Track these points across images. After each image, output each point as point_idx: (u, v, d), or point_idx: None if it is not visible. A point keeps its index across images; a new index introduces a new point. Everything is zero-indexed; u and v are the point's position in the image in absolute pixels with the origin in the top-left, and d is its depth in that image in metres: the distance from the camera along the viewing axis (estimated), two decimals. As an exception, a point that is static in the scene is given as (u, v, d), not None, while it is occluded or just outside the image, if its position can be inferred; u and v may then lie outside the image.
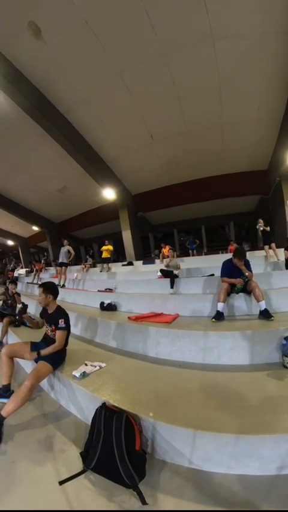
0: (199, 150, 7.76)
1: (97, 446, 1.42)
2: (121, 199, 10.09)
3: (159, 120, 6.61)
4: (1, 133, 7.38)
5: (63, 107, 6.37)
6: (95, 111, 6.45)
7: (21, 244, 19.32)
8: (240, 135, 7.07)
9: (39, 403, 2.21)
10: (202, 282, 4.51)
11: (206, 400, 1.69)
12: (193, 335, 2.58)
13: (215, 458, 1.35)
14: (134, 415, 1.54)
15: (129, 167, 8.89)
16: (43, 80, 5.61)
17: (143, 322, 3.25)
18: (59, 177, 9.82)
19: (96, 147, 7.90)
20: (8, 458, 1.51)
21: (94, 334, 3.52)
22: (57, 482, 1.32)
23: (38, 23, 4.40)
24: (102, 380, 2.03)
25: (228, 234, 14.21)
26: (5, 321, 3.87)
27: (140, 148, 7.77)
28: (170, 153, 7.92)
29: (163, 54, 4.86)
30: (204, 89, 5.60)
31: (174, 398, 1.74)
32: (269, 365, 2.20)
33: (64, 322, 2.30)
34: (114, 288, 6.14)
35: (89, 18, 4.30)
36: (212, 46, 4.66)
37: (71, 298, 6.28)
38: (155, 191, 10.36)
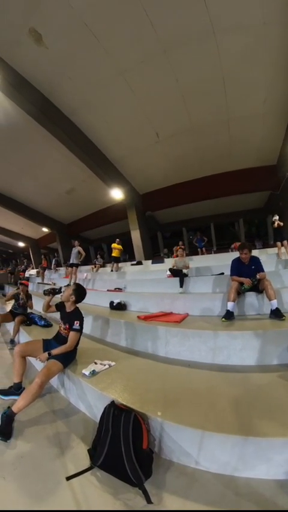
0: (206, 147, 7.63)
1: (105, 443, 1.43)
2: (129, 199, 10.11)
3: (164, 118, 6.55)
4: (9, 138, 7.61)
5: (67, 110, 6.46)
6: (99, 113, 6.49)
7: (32, 245, 19.81)
8: (247, 130, 6.88)
9: (49, 400, 2.25)
10: (212, 281, 4.44)
11: (215, 401, 1.66)
12: (203, 334, 2.54)
13: (222, 459, 1.33)
14: (142, 414, 1.54)
15: (136, 167, 8.88)
16: (47, 84, 5.72)
17: (152, 321, 3.24)
18: (66, 179, 9.97)
19: (102, 148, 7.95)
20: (18, 453, 1.55)
21: (104, 333, 3.56)
22: (65, 478, 1.34)
23: (39, 29, 4.48)
24: (112, 379, 2.05)
25: (238, 232, 13.89)
26: (17, 320, 3.97)
27: (146, 148, 7.74)
28: (176, 151, 7.83)
29: (164, 52, 4.81)
30: (209, 85, 5.49)
31: (182, 398, 1.72)
32: (280, 366, 2.14)
33: (79, 324, 2.34)
34: (123, 287, 6.18)
35: (88, 21, 4.32)
36: (213, 41, 4.56)
37: (81, 298, 6.37)
38: (162, 190, 10.31)
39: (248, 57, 4.85)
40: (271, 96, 5.74)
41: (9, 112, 6.29)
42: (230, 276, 3.33)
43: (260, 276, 3.02)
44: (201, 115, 6.35)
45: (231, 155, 8.10)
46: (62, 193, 11.13)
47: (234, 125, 6.61)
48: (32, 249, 19.85)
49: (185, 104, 6.00)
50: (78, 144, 7.23)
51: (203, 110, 6.20)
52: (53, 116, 6.35)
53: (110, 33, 4.50)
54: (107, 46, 4.73)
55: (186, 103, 5.99)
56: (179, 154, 7.99)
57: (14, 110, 6.14)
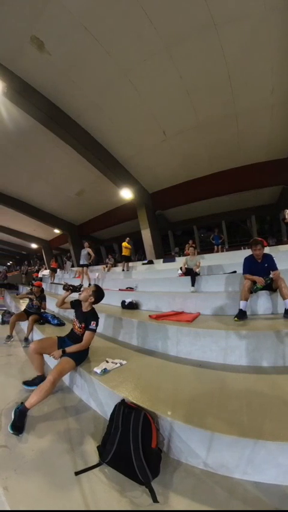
0: (214, 143, 7.47)
1: (114, 441, 1.45)
2: (139, 198, 10.12)
3: (170, 115, 6.49)
4: (18, 144, 7.90)
5: (74, 113, 6.58)
6: (105, 114, 6.55)
7: (44, 246, 20.42)
8: (256, 123, 6.64)
9: (61, 397, 2.30)
10: (224, 280, 4.37)
11: (226, 402, 1.63)
12: (214, 334, 2.50)
13: (230, 462, 1.30)
14: (152, 413, 1.54)
15: (145, 166, 8.86)
16: (52, 89, 5.86)
17: (163, 320, 3.23)
18: (76, 181, 10.17)
19: (110, 149, 8.02)
20: (29, 447, 1.59)
21: (116, 332, 3.59)
22: (73, 473, 1.37)
23: (40, 37, 4.61)
24: (123, 377, 2.06)
25: (250, 229, 13.48)
26: (31, 318, 4.10)
27: (154, 146, 7.71)
28: (184, 148, 7.73)
29: (166, 49, 4.75)
30: (213, 79, 5.36)
31: (193, 398, 1.70)
32: (294, 368, 2.05)
33: (95, 325, 2.38)
34: (135, 286, 6.21)
35: (88, 24, 4.38)
36: (215, 34, 4.44)
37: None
38: (172, 188, 10.21)
39: (251, 47, 4.68)
40: (278, 85, 5.50)
41: (17, 118, 6.53)
42: (243, 274, 3.25)
43: (273, 275, 2.92)
44: (207, 110, 6.23)
45: (241, 150, 7.86)
46: (72, 195, 11.38)
47: (242, 118, 6.42)
48: (44, 250, 20.46)
49: (191, 100, 5.92)
50: (86, 147, 7.35)
51: (209, 105, 6.07)
52: (60, 120, 6.51)
53: (110, 34, 4.53)
54: (108, 47, 4.77)
55: (191, 99, 5.90)
56: (187, 151, 7.88)
57: (21, 116, 6.36)
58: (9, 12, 4.19)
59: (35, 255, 25.73)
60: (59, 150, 7.90)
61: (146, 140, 7.48)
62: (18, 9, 4.15)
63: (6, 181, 10.97)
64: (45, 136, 7.16)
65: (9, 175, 10.29)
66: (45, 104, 6.08)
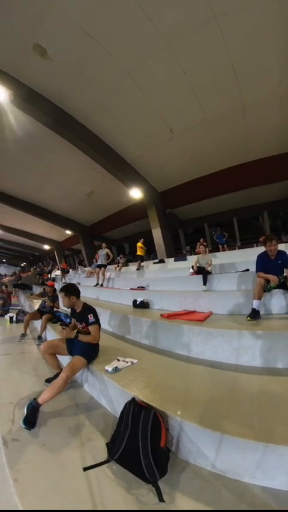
0: (222, 139, 7.28)
1: (123, 439, 1.46)
2: (148, 197, 10.09)
3: (176, 113, 6.40)
4: (28, 149, 8.15)
5: (80, 116, 6.67)
6: (111, 115, 6.57)
7: (57, 247, 20.94)
8: (264, 116, 6.36)
9: (73, 394, 2.35)
10: (236, 278, 4.27)
11: (237, 404, 1.59)
12: (226, 334, 2.44)
13: (239, 465, 1.26)
14: (162, 412, 1.54)
15: (153, 165, 8.82)
16: (57, 93, 5.97)
17: (175, 319, 3.21)
18: (86, 183, 10.32)
19: (118, 150, 8.05)
20: (40, 441, 1.64)
21: (127, 331, 3.62)
22: (82, 468, 1.39)
23: (42, 44, 4.71)
24: (133, 376, 2.07)
25: (262, 225, 13.03)
26: (44, 317, 4.24)
27: (162, 145, 7.64)
28: (192, 145, 7.60)
29: (167, 46, 4.68)
30: (218, 74, 5.21)
31: (203, 399, 1.67)
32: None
33: (93, 316, 2.40)
34: (146, 285, 6.22)
35: (87, 28, 4.41)
36: (216, 27, 4.30)
37: (106, 297, 6.56)
38: (181, 186, 10.09)
39: (255, 38, 4.48)
40: (286, 77, 5.24)
41: (25, 124, 6.74)
42: (256, 273, 3.15)
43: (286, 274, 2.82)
44: (213, 106, 6.08)
45: (250, 144, 7.59)
46: (82, 197, 11.55)
47: (249, 112, 6.20)
48: (56, 251, 21.01)
49: (196, 96, 5.79)
50: (94, 148, 7.44)
51: (215, 101, 5.92)
52: (67, 123, 6.63)
53: (110, 35, 4.54)
54: (109, 49, 4.78)
55: (197, 95, 5.78)
56: (195, 148, 7.75)
57: (29, 122, 6.56)
58: (12, 23, 4.33)
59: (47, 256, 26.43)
60: (67, 153, 8.05)
61: (154, 139, 7.43)
62: (20, 19, 4.28)
63: (18, 186, 11.38)
64: (53, 141, 7.33)
65: (20, 179, 10.67)
66: (52, 108, 6.23)
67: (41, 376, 2.67)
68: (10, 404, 2.07)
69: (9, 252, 33.92)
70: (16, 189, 11.81)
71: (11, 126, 6.77)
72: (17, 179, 10.65)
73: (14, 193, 12.27)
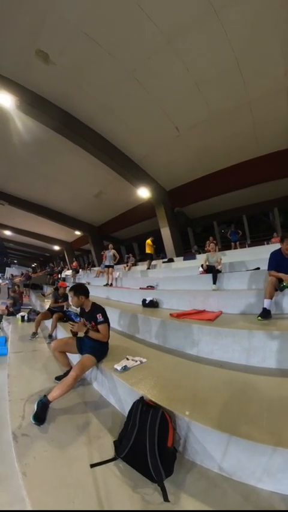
0: (229, 134, 7.12)
1: (130, 437, 1.46)
2: (156, 196, 10.07)
3: (181, 110, 6.33)
4: (36, 153, 8.38)
5: (86, 118, 6.75)
6: (116, 116, 6.60)
7: (66, 248, 21.39)
8: (272, 109, 6.15)
9: (82, 392, 2.38)
10: (247, 277, 4.18)
11: (246, 405, 1.55)
12: (237, 334, 2.40)
13: (246, 468, 1.23)
14: (170, 411, 1.53)
15: (160, 164, 8.78)
16: (62, 97, 6.07)
17: (184, 319, 3.18)
18: (94, 184, 10.45)
19: (124, 150, 8.08)
20: (49, 437, 1.68)
21: (136, 330, 3.63)
22: (89, 465, 1.41)
23: (44, 49, 4.81)
24: (142, 375, 2.08)
25: (273, 222, 12.62)
26: (55, 316, 4.33)
27: (168, 143, 7.59)
28: (199, 142, 7.49)
29: (169, 43, 4.63)
30: (221, 68, 5.08)
31: (212, 399, 1.65)
32: None
33: (102, 316, 2.42)
34: (155, 285, 6.21)
35: (87, 30, 4.45)
36: (216, 20, 4.20)
37: (115, 296, 6.61)
38: (189, 184, 9.97)
39: (258, 28, 4.33)
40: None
41: (32, 129, 6.92)
42: (268, 271, 3.05)
43: None
44: (219, 101, 5.96)
45: (258, 139, 7.36)
46: (90, 197, 11.71)
47: (256, 106, 6.01)
48: (66, 252, 21.44)
49: (201, 92, 5.70)
50: (100, 149, 7.51)
51: (220, 96, 5.79)
52: (73, 126, 6.73)
53: (111, 36, 4.55)
54: (110, 50, 4.79)
55: (201, 91, 5.68)
56: (202, 145, 7.63)
57: (36, 126, 6.73)
58: (13, 31, 4.47)
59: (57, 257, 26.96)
60: (75, 155, 8.18)
61: (160, 138, 7.39)
62: (21, 27, 4.41)
63: (28, 188, 11.73)
64: (60, 143, 7.48)
65: (29, 182, 10.99)
66: (57, 112, 6.35)
67: (51, 373, 2.73)
68: (21, 401, 2.13)
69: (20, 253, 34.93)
70: (26, 192, 12.18)
71: (18, 131, 7.00)
72: (26, 182, 10.98)
73: (24, 196, 12.66)
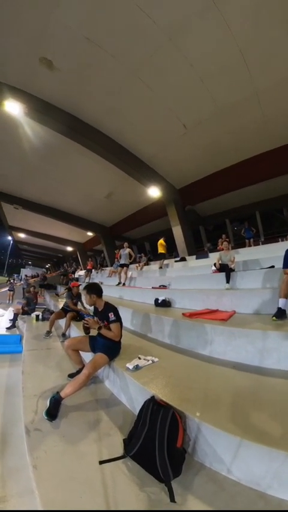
0: (238, 128, 6.86)
1: (140, 436, 1.47)
2: (167, 195, 9.99)
3: (188, 107, 6.22)
4: (47, 158, 8.63)
5: (93, 121, 6.83)
6: (123, 117, 6.62)
7: (79, 249, 21.82)
8: (281, 99, 5.83)
9: (94, 390, 2.42)
10: (261, 275, 4.06)
11: (259, 408, 1.51)
12: (250, 334, 2.34)
13: (256, 473, 1.19)
14: (181, 412, 1.52)
15: (169, 162, 8.68)
16: (68, 101, 6.19)
17: (197, 318, 3.15)
18: (104, 185, 10.53)
19: (133, 150, 8.07)
20: (60, 432, 1.72)
21: (148, 329, 3.64)
22: (98, 462, 1.43)
23: (48, 56, 4.93)
24: (154, 374, 2.08)
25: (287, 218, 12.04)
26: (68, 316, 4.45)
27: (176, 141, 7.47)
28: (207, 138, 7.29)
29: (170, 40, 4.54)
30: (225, 61, 4.91)
31: (223, 401, 1.62)
32: None
33: (114, 315, 2.44)
34: (168, 284, 6.20)
35: (88, 34, 4.49)
36: (217, 12, 4.06)
37: (128, 296, 6.66)
38: (199, 182, 9.76)
39: (260, 17, 4.12)
40: None
41: (42, 134, 7.15)
42: (283, 269, 2.94)
43: None
44: (225, 95, 5.76)
45: (269, 131, 7.01)
46: (101, 198, 11.82)
47: (264, 97, 5.74)
48: (79, 252, 21.90)
49: (206, 87, 5.55)
50: (109, 151, 7.58)
51: (226, 89, 5.60)
52: (80, 129, 6.85)
53: (111, 38, 4.56)
54: (112, 51, 4.81)
55: (206, 86, 5.53)
56: (210, 141, 7.43)
57: (45, 131, 6.94)
58: (16, 42, 4.63)
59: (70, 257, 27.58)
60: (84, 158, 8.31)
61: (167, 136, 7.31)
62: (23, 37, 4.55)
63: (40, 192, 12.13)
64: (69, 147, 7.63)
65: (41, 186, 11.35)
66: (65, 116, 6.49)
67: (64, 371, 2.80)
68: (34, 396, 2.20)
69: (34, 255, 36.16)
70: (38, 196, 12.61)
71: (28, 137, 7.27)
72: (38, 186, 11.36)
73: (37, 200, 13.11)
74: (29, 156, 8.51)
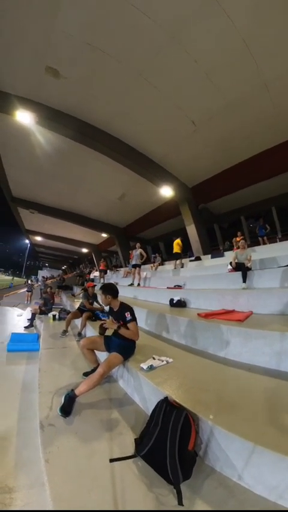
0: (248, 122, 6.59)
1: (152, 436, 1.46)
2: (179, 194, 9.88)
3: (196, 103, 6.10)
4: (59, 163, 8.94)
5: (102, 124, 6.95)
6: (131, 118, 6.65)
7: (94, 250, 22.34)
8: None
9: (108, 389, 2.45)
10: (279, 274, 3.92)
11: (275, 413, 1.44)
12: (268, 336, 2.24)
13: (268, 481, 1.14)
14: (194, 414, 1.49)
15: (181, 161, 8.57)
16: (77, 107, 6.35)
17: (213, 319, 3.09)
18: (116, 187, 10.67)
19: (143, 151, 8.08)
20: (73, 429, 1.76)
21: (163, 329, 3.63)
22: (108, 459, 1.44)
23: (53, 65, 5.09)
24: (168, 375, 2.06)
25: None
26: (84, 315, 4.54)
27: (186, 139, 7.36)
28: (218, 134, 7.11)
29: (172, 38, 4.48)
30: (229, 53, 4.74)
31: (238, 404, 1.57)
32: None
33: (130, 314, 2.46)
34: (183, 284, 6.14)
35: (90, 40, 4.57)
36: (217, 6, 3.94)
37: (143, 296, 6.67)
38: (212, 179, 9.52)
39: (262, 6, 3.94)
40: None
41: (53, 141, 7.41)
42: (302, 267, 2.81)
43: None
44: (233, 88, 5.58)
45: (281, 123, 6.67)
46: (114, 200, 11.99)
47: (273, 87, 5.47)
48: (94, 254, 22.35)
49: (212, 82, 5.40)
50: (120, 153, 7.67)
51: (234, 82, 5.42)
52: (90, 133, 7.00)
53: (112, 42, 4.60)
54: (115, 55, 4.85)
55: (213, 81, 5.39)
56: (221, 137, 7.24)
57: (56, 138, 7.19)
58: (22, 55, 4.86)
59: (85, 259, 28.19)
60: (96, 161, 8.48)
61: (177, 135, 7.23)
62: (28, 49, 4.76)
63: (54, 196, 12.57)
64: (80, 151, 7.84)
65: (55, 191, 11.78)
66: (74, 122, 6.67)
67: (79, 369, 2.86)
68: (49, 393, 2.27)
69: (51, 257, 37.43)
70: (52, 200, 13.09)
71: (40, 144, 7.60)
72: (52, 191, 11.81)
73: (52, 204, 13.64)
74: (42, 163, 8.88)
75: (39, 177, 10.38)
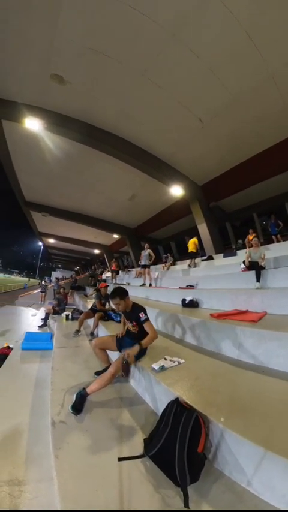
0: (256, 116, 6.36)
1: (161, 437, 1.45)
2: (190, 193, 9.75)
3: (201, 100, 5.98)
4: (69, 167, 9.15)
5: (109, 126, 7.02)
6: (137, 119, 6.65)
7: (106, 251, 22.57)
8: None
9: (119, 388, 2.47)
10: (294, 273, 3.76)
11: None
12: (283, 337, 2.18)
13: (278, 488, 1.10)
14: (204, 416, 1.47)
15: (190, 159, 8.45)
16: (83, 111, 6.46)
17: (225, 319, 3.04)
18: (126, 187, 10.72)
19: (151, 151, 8.06)
20: (83, 427, 1.80)
21: (175, 330, 3.61)
22: (117, 458, 1.46)
23: (57, 72, 5.21)
24: (179, 376, 2.05)
25: None
26: (96, 315, 4.60)
27: (194, 137, 7.25)
28: (226, 130, 6.94)
29: (173, 36, 4.41)
30: (233, 46, 4.59)
31: (250, 408, 1.53)
32: None
33: (144, 314, 2.47)
34: (195, 284, 6.08)
35: (91, 44, 4.61)
36: (217, 1, 3.85)
37: (154, 296, 6.67)
38: (222, 176, 9.30)
39: None
40: None
41: (62, 145, 7.60)
42: None
43: None
44: (238, 82, 5.41)
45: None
46: (125, 201, 12.08)
47: (280, 78, 5.24)
48: (106, 255, 22.61)
49: (217, 77, 5.28)
50: (128, 154, 7.72)
51: (238, 76, 5.25)
52: (98, 136, 7.11)
53: (114, 44, 4.62)
54: (117, 57, 4.87)
55: (217, 76, 5.26)
56: (229, 133, 7.06)
57: (65, 142, 7.36)
58: (27, 63, 5.01)
59: (98, 259, 28.57)
60: (105, 163, 8.59)
61: (185, 133, 7.14)
62: (32, 59, 4.91)
63: (65, 199, 12.87)
64: (89, 154, 7.97)
65: (66, 194, 12.05)
66: (81, 125, 6.80)
67: (91, 368, 2.90)
68: (61, 391, 2.32)
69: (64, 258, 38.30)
70: (64, 203, 13.41)
71: (50, 149, 7.82)
72: (64, 194, 12.09)
73: (63, 207, 13.96)
74: (53, 167, 9.14)
75: (50, 181, 10.68)
